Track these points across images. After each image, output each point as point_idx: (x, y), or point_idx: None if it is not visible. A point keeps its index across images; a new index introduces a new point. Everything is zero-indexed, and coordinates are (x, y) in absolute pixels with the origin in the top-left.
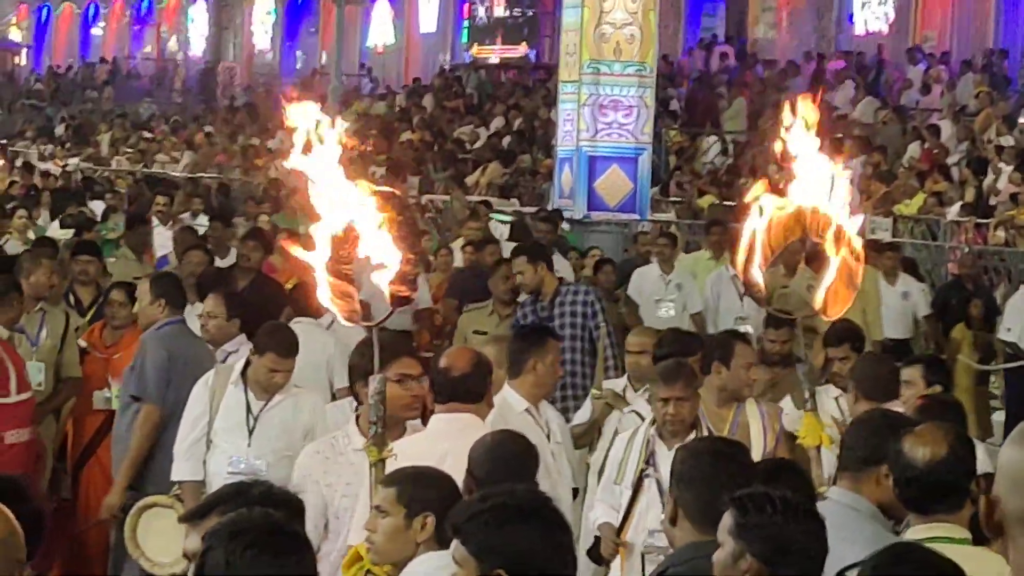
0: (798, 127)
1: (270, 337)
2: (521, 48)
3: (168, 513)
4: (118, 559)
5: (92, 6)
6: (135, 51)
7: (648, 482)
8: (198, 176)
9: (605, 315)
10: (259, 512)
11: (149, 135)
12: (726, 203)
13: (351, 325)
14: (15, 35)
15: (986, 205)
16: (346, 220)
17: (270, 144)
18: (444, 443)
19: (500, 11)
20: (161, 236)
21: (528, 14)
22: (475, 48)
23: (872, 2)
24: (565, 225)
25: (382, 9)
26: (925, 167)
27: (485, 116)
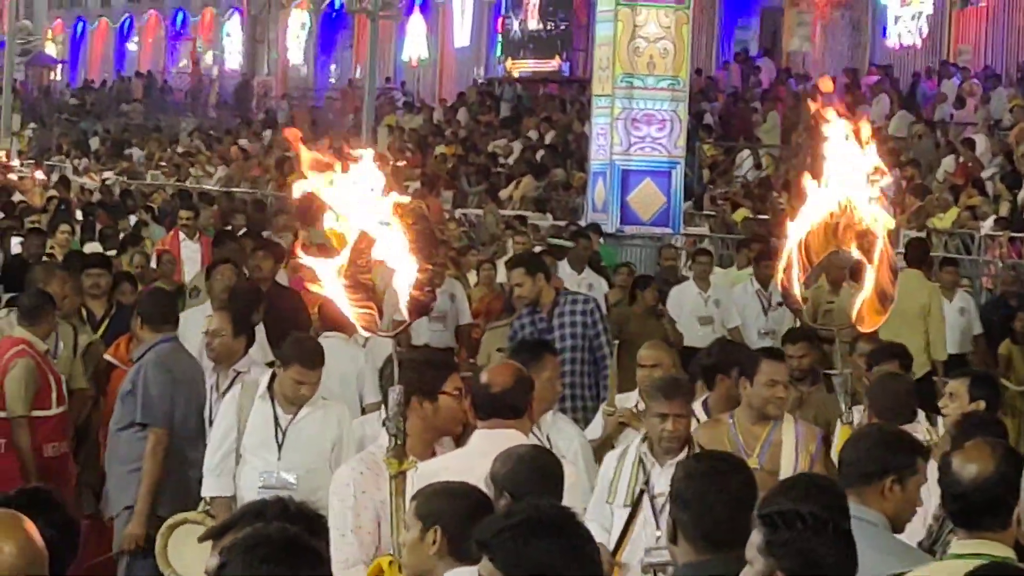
0: (837, 137)
1: (295, 349)
2: (554, 62)
3: (199, 530)
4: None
5: (127, 20)
6: (170, 65)
7: (645, 501)
8: (232, 191)
9: (606, 325)
10: (276, 527)
11: (183, 149)
12: (759, 216)
13: (379, 337)
14: (51, 50)
15: (1020, 219)
16: (362, 227)
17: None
18: (487, 460)
19: (533, 24)
20: (188, 250)
21: (561, 27)
22: (509, 62)
23: (906, 16)
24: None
25: (416, 23)
26: (960, 181)
27: (519, 130)
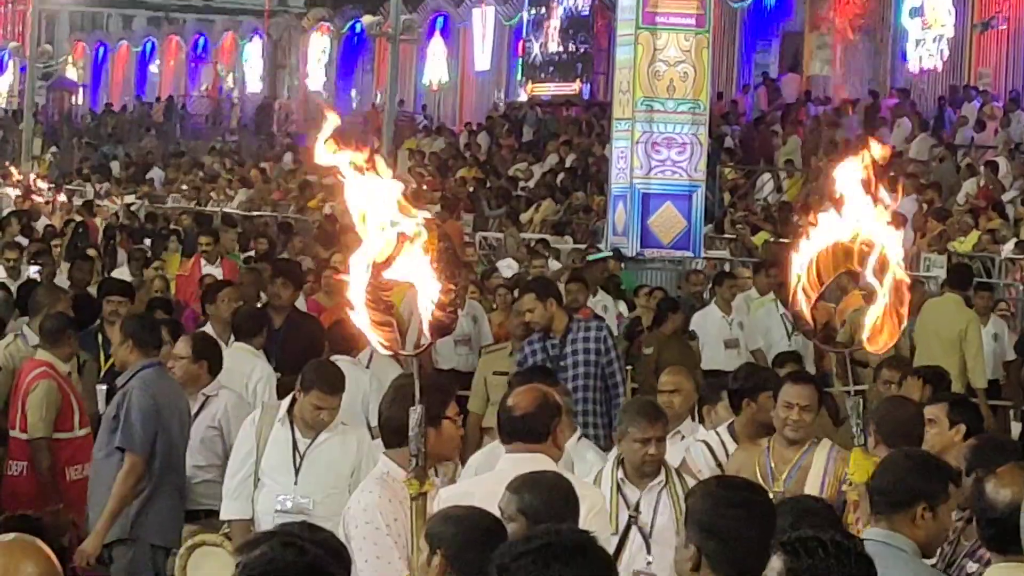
0: (851, 166)
1: (316, 374)
2: (575, 85)
3: (217, 552)
4: None
5: (148, 44)
6: (191, 89)
7: (634, 529)
8: (253, 214)
9: (619, 352)
10: (292, 550)
11: (204, 173)
12: (780, 240)
13: (389, 359)
14: (72, 74)
15: None
16: (383, 246)
17: (325, 181)
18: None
19: (554, 47)
20: (215, 275)
21: (581, 51)
22: (529, 86)
23: (927, 39)
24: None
25: (437, 48)
26: (982, 203)
27: (539, 153)
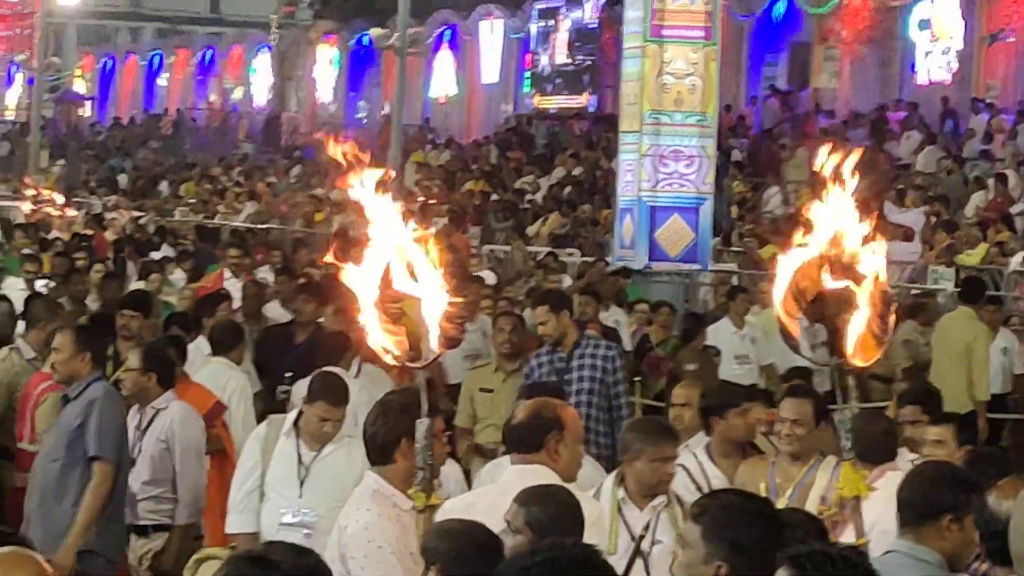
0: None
1: (321, 385)
2: (582, 98)
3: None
4: None
5: (156, 57)
6: (199, 102)
7: (654, 549)
8: (260, 227)
9: (626, 374)
10: (259, 570)
11: (211, 186)
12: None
13: (379, 371)
14: (79, 86)
15: None
16: (391, 259)
17: (332, 195)
18: (510, 495)
19: (561, 59)
20: (234, 289)
21: (588, 63)
22: (537, 98)
23: (935, 52)
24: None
25: (444, 60)
26: (993, 215)
27: (546, 166)
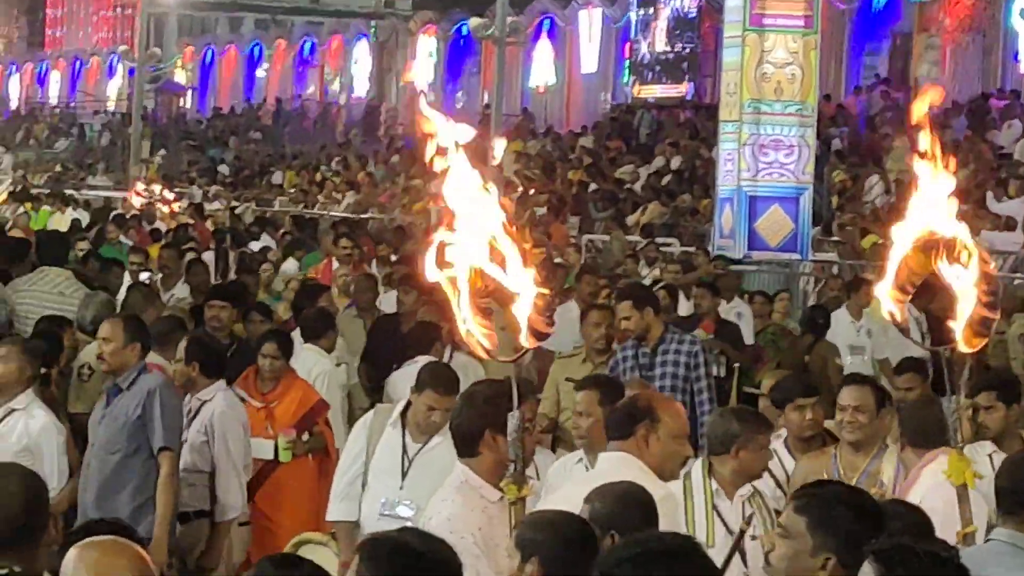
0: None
1: (430, 374)
2: (682, 87)
3: (321, 550)
4: None
5: (256, 48)
6: (298, 92)
7: (746, 541)
8: (360, 217)
9: (710, 369)
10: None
11: (313, 176)
12: (889, 242)
13: (469, 359)
14: (180, 77)
15: None
16: (482, 253)
17: (432, 186)
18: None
19: (661, 47)
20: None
21: (687, 50)
22: (636, 87)
23: None
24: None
25: (543, 49)
26: None
27: (646, 155)
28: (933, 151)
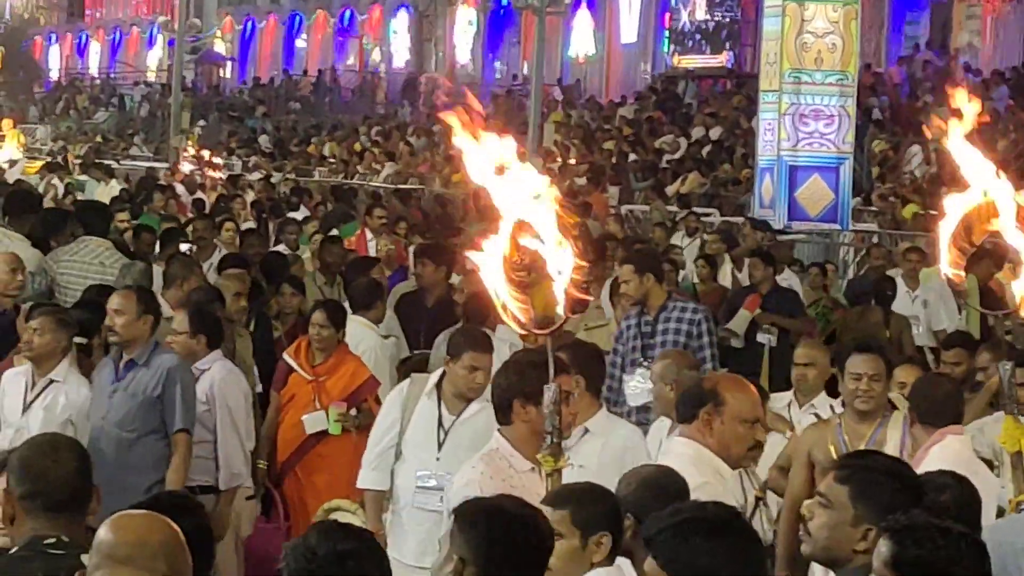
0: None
1: (463, 337)
2: (722, 57)
3: (350, 518)
4: None
5: (296, 19)
6: (338, 63)
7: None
8: (400, 187)
9: (713, 339)
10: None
11: (351, 147)
12: (930, 212)
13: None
14: (220, 47)
15: None
16: (519, 225)
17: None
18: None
19: (701, 15)
20: (375, 251)
21: (727, 19)
22: (676, 58)
23: None
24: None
25: (583, 20)
26: None
27: (685, 126)
28: (977, 121)
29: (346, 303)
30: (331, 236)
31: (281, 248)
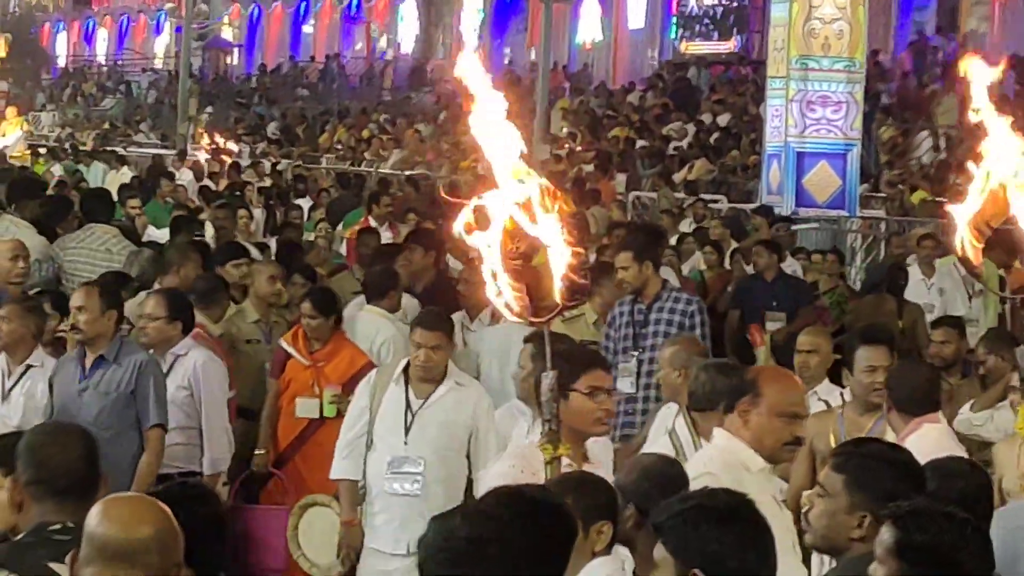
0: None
1: (418, 316)
2: (730, 44)
3: (325, 512)
4: None
5: (303, 5)
6: (345, 49)
7: None
8: (409, 174)
9: (707, 331)
10: None
11: (358, 134)
12: (937, 199)
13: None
14: (227, 34)
15: None
16: (512, 212)
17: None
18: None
19: (709, 0)
20: (384, 238)
21: (735, 5)
22: (684, 44)
23: None
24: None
25: (590, 6)
26: None
27: (692, 112)
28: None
29: None
30: (368, 228)
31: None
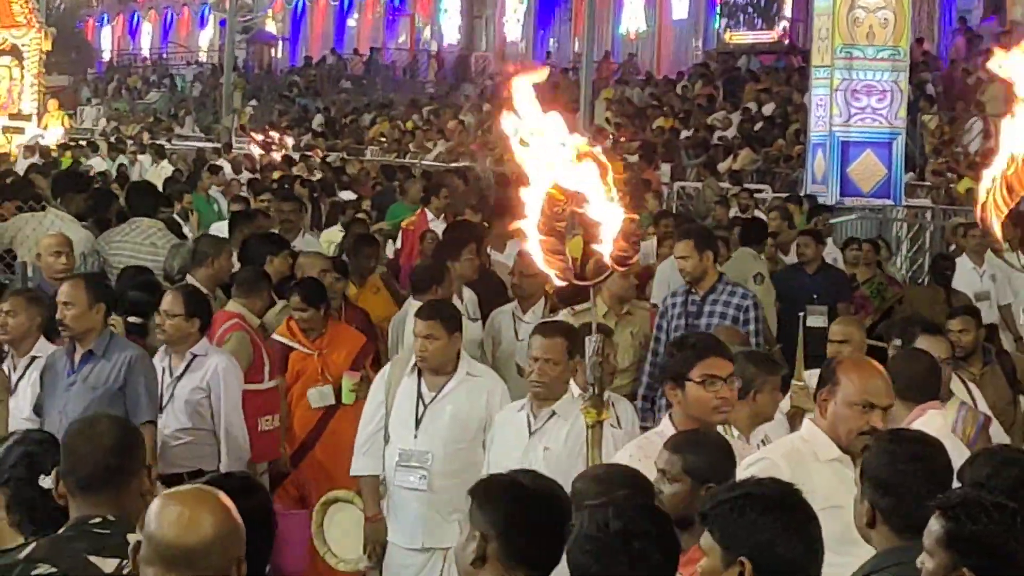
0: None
1: (419, 310)
2: (774, 33)
3: (348, 508)
4: None
5: None
6: (389, 42)
7: None
8: (454, 166)
9: (761, 326)
10: None
11: (402, 126)
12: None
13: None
14: (271, 27)
15: None
16: (557, 177)
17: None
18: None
19: None
20: (437, 230)
21: None
22: (728, 34)
23: None
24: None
25: None
26: None
27: (737, 102)
28: None
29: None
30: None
31: (336, 228)
